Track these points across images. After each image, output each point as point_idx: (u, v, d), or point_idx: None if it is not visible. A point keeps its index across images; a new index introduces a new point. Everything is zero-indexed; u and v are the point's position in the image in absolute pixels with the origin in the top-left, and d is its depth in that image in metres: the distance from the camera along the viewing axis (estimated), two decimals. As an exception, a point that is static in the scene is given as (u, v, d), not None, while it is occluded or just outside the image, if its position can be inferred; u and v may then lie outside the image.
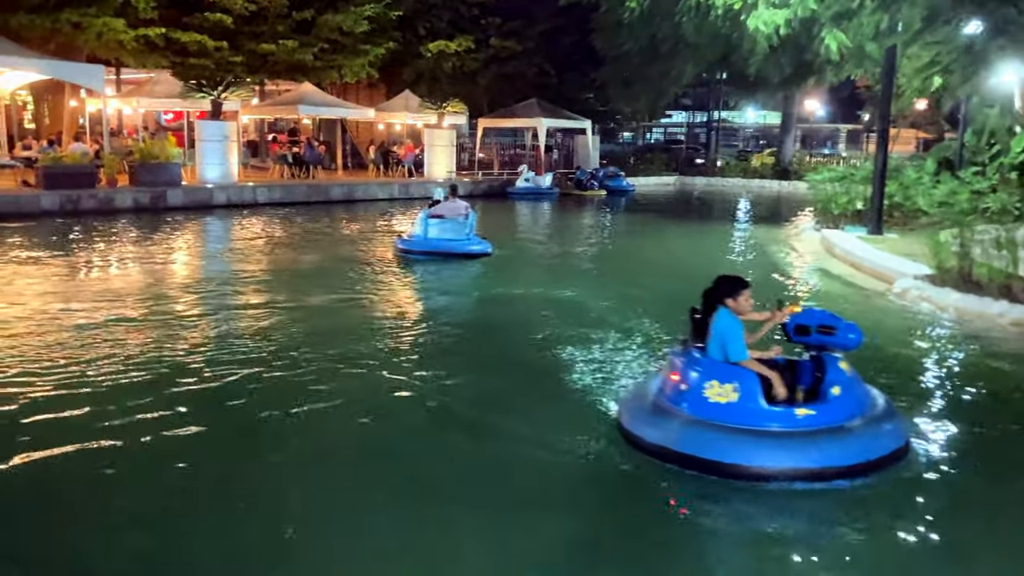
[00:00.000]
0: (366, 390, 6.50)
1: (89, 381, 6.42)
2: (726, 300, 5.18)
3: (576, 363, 7.28)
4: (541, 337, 8.32)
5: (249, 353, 7.39)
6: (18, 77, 21.99)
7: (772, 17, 18.84)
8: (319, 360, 7.20)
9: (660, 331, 8.46)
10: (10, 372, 6.57)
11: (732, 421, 4.91)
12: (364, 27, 27.16)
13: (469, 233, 13.61)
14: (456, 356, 7.73)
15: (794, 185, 35.93)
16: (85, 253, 13.42)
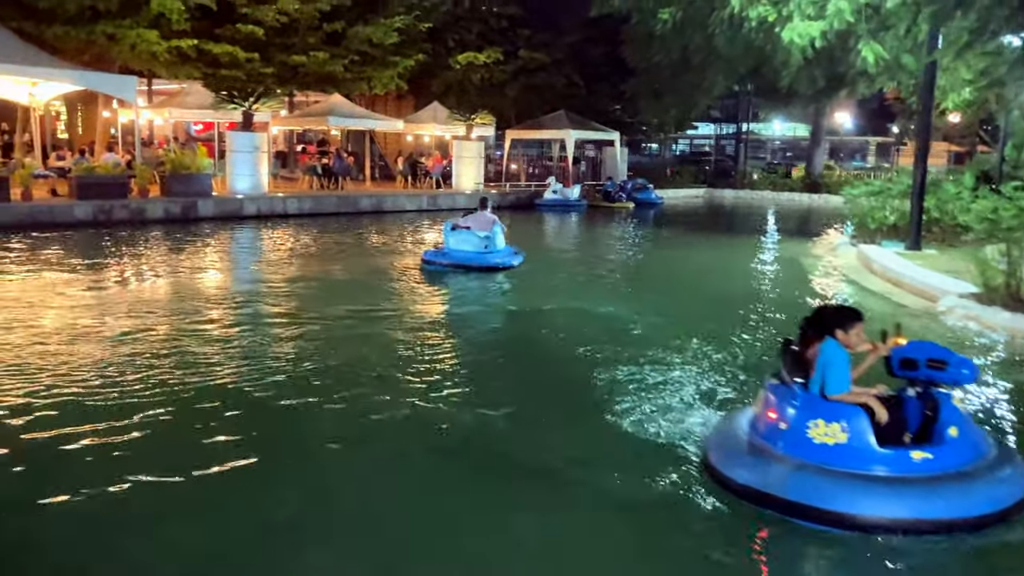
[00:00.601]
0: (407, 422, 6.14)
1: (119, 397, 6.33)
2: (836, 332, 4.73)
3: (628, 386, 6.98)
4: (584, 356, 8.11)
5: (278, 370, 7.25)
6: (53, 88, 22.18)
7: (807, 29, 18.60)
8: (351, 382, 6.96)
9: (711, 351, 8.25)
10: (41, 385, 6.50)
11: (839, 464, 4.47)
12: (394, 39, 27.21)
13: (491, 246, 13.47)
14: (496, 379, 7.46)
15: (824, 198, 35.57)
16: (118, 264, 13.42)
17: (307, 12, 24.68)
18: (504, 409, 6.40)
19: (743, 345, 8.68)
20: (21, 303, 9.75)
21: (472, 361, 7.94)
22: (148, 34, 21.88)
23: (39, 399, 6.21)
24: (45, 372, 6.89)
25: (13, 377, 6.73)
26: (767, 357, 8.19)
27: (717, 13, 20.44)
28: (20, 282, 11.23)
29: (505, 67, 31.45)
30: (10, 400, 6.17)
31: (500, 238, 13.74)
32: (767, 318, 10.37)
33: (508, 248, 13.84)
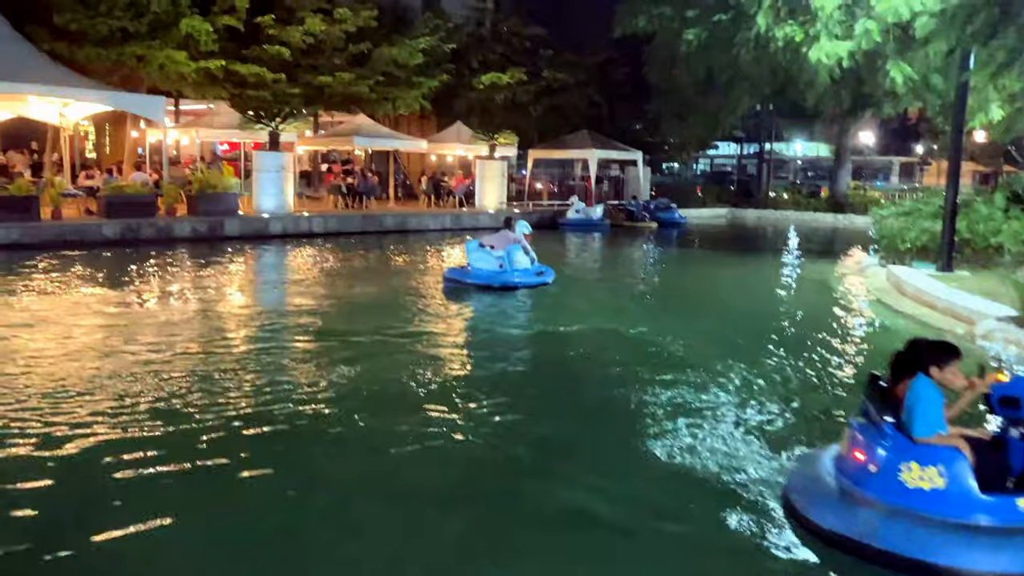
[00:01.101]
0: (435, 454, 5.92)
1: (147, 419, 6.32)
2: (930, 368, 4.43)
3: (670, 413, 6.78)
4: (619, 380, 7.97)
5: (301, 392, 7.18)
6: (83, 108, 22.43)
7: (835, 49, 18.55)
8: (376, 409, 6.84)
9: (751, 375, 8.13)
10: (67, 406, 6.50)
11: (937, 512, 4.17)
12: (418, 60, 27.42)
13: (507, 265, 13.45)
14: (529, 405, 7.24)
15: (849, 218, 35.28)
16: (146, 283, 13.49)
17: (333, 33, 24.92)
18: (539, 440, 6.22)
19: (782, 369, 8.55)
20: (53, 322, 9.79)
21: (502, 386, 7.79)
22: (177, 55, 22.15)
23: (70, 417, 6.20)
24: (75, 391, 6.89)
25: (45, 396, 6.73)
26: (809, 382, 8.08)
27: (743, 33, 20.44)
28: (52, 301, 11.29)
29: (528, 87, 31.57)
30: (43, 418, 6.16)
31: (519, 257, 13.70)
32: (802, 340, 10.23)
33: (529, 268, 13.79)
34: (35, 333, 9.13)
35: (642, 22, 23.39)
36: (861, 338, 10.85)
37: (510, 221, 14.69)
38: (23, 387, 6.98)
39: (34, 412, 6.34)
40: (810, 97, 22.01)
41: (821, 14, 18.37)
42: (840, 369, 8.80)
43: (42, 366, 7.69)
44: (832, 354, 9.53)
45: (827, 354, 9.48)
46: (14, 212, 17.77)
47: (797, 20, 19.23)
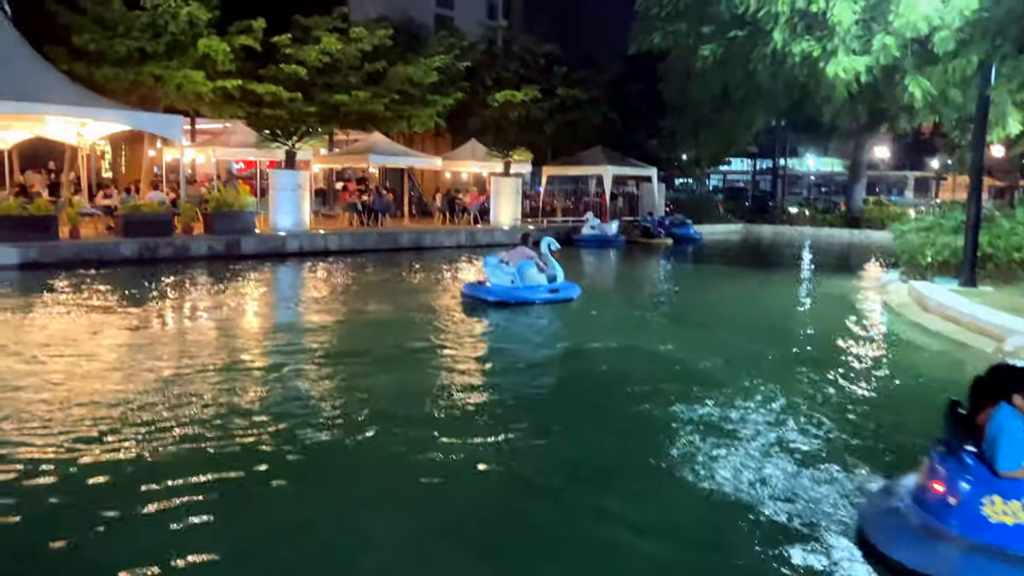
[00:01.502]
0: (458, 480, 5.81)
1: (167, 440, 6.25)
2: (1014, 397, 4.22)
3: (704, 435, 6.60)
4: (647, 400, 7.77)
5: (319, 413, 7.08)
6: (101, 128, 22.55)
7: (852, 64, 18.47)
8: (393, 431, 6.68)
9: (782, 393, 8.01)
10: (90, 426, 6.44)
11: (1021, 548, 4.00)
12: (433, 78, 27.52)
13: (518, 281, 13.47)
14: (553, 427, 7.13)
15: (865, 234, 35.12)
16: (164, 302, 13.48)
17: (349, 52, 25.05)
18: (566, 465, 6.01)
19: (815, 387, 8.42)
20: (73, 342, 9.76)
21: (524, 406, 7.65)
22: (194, 75, 22.30)
23: (92, 436, 6.14)
24: (96, 412, 6.83)
25: (68, 418, 6.68)
26: (844, 401, 7.93)
27: (759, 49, 20.37)
28: (72, 320, 11.27)
29: (543, 104, 31.63)
30: (66, 439, 6.10)
31: (530, 272, 13.68)
32: (830, 357, 10.08)
33: (542, 284, 13.72)
34: (56, 353, 9.08)
35: (657, 38, 23.30)
36: (887, 355, 10.70)
37: (527, 237, 14.68)
38: (45, 408, 6.93)
39: (58, 434, 6.28)
40: (827, 112, 21.91)
41: (839, 29, 18.30)
42: (870, 387, 8.65)
43: (64, 387, 7.64)
44: (860, 371, 9.39)
45: (855, 371, 9.35)
46: (33, 231, 17.84)
47: (814, 35, 19.17)
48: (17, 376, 7.99)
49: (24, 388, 7.55)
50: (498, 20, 68.05)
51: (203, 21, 22.37)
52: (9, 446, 5.98)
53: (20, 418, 6.64)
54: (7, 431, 6.31)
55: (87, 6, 21.85)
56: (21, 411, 6.82)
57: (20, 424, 6.48)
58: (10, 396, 7.26)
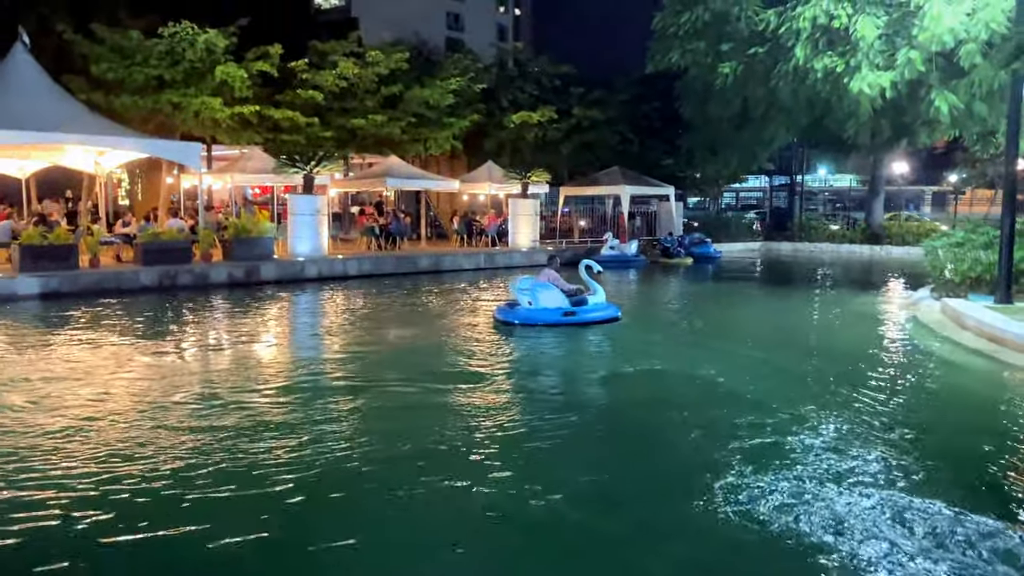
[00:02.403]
0: (486, 524, 5.57)
1: (191, 478, 6.00)
2: None
3: (766, 469, 6.22)
4: (695, 429, 7.44)
5: (346, 447, 6.82)
6: (119, 156, 22.55)
7: (877, 79, 18.30)
8: (419, 465, 6.43)
9: (839, 419, 7.69)
10: (113, 464, 6.20)
11: None
12: (449, 100, 27.44)
13: (535, 304, 13.46)
14: (594, 461, 6.85)
15: (886, 250, 34.71)
16: (185, 331, 13.28)
17: (366, 76, 24.99)
18: (609, 503, 5.71)
19: (865, 410, 8.10)
20: (95, 375, 9.55)
21: (561, 438, 7.30)
22: (212, 101, 22.26)
23: (115, 474, 5.91)
24: (119, 449, 6.61)
25: (91, 455, 6.45)
26: (899, 425, 7.62)
27: (781, 65, 20.25)
28: (93, 352, 11.06)
29: (559, 125, 31.49)
30: (90, 477, 5.87)
31: (545, 295, 13.55)
32: (874, 378, 9.75)
33: (558, 307, 13.54)
34: (79, 387, 8.87)
35: (675, 57, 23.26)
36: (931, 374, 10.37)
37: (551, 259, 14.58)
38: (68, 445, 6.71)
39: (82, 474, 6.05)
40: (850, 128, 21.69)
41: (862, 44, 18.16)
42: (921, 409, 8.36)
43: (87, 423, 7.42)
44: (907, 391, 9.10)
45: (902, 391, 9.04)
46: (54, 261, 17.74)
47: (836, 51, 19.03)
48: (39, 410, 7.77)
49: (46, 424, 7.33)
50: (508, 42, 68.46)
51: (220, 48, 22.37)
52: (33, 483, 5.76)
53: (43, 452, 6.42)
54: (33, 467, 6.09)
55: (105, 35, 21.89)
56: (42, 446, 6.61)
57: (43, 459, 6.26)
58: (33, 432, 7.04)
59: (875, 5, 18.18)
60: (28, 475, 6.02)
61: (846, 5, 18.44)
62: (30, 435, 7.03)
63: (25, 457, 6.43)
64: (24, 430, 7.19)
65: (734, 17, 21.61)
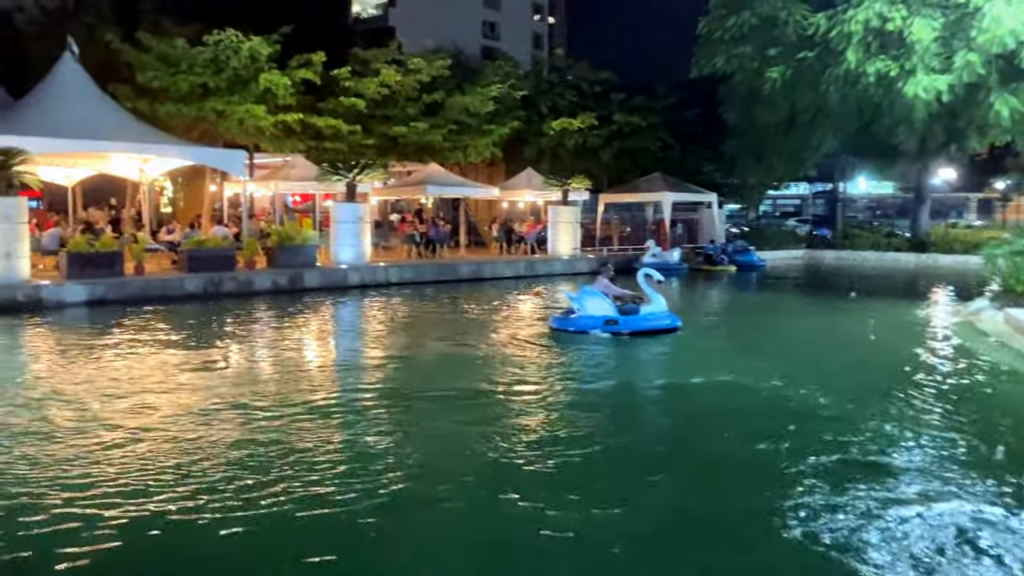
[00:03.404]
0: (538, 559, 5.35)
1: (234, 493, 5.81)
2: None
3: (854, 498, 5.78)
4: (769, 448, 7.05)
5: (389, 466, 6.53)
6: (163, 163, 22.68)
7: (933, 83, 17.82)
8: (463, 486, 6.10)
9: (920, 436, 7.34)
10: (158, 474, 6.03)
11: None
12: (490, 107, 27.29)
13: (581, 311, 13.35)
14: (657, 484, 6.53)
15: (933, 258, 33.84)
16: (231, 339, 13.19)
17: (407, 84, 24.91)
18: (676, 524, 5.43)
19: (944, 427, 7.73)
20: (149, 383, 9.44)
21: (618, 456, 6.96)
22: (256, 109, 22.32)
23: (161, 486, 5.74)
24: (160, 465, 6.44)
25: (139, 462, 6.30)
26: (983, 443, 7.23)
27: (831, 70, 19.82)
28: (146, 360, 10.98)
29: (599, 131, 31.21)
30: (139, 485, 5.71)
31: (591, 303, 13.38)
32: (945, 392, 9.34)
33: (603, 315, 13.29)
34: (131, 397, 8.75)
35: (720, 62, 22.91)
36: (1002, 388, 9.94)
37: (605, 266, 14.44)
38: (121, 458, 6.57)
39: (130, 491, 5.90)
40: (902, 133, 21.17)
41: (917, 47, 17.70)
42: (997, 426, 7.95)
43: (132, 433, 7.28)
44: (981, 407, 8.72)
45: (976, 407, 8.66)
46: (100, 268, 17.80)
47: (889, 55, 18.58)
48: (94, 421, 7.66)
49: (93, 432, 7.20)
50: (544, 49, 68.34)
51: (264, 56, 22.43)
52: (83, 490, 5.61)
53: (91, 462, 6.29)
54: (81, 475, 5.95)
55: (151, 44, 22.04)
56: (89, 456, 6.47)
57: (88, 469, 6.12)
58: (82, 441, 6.92)
59: (931, 7, 17.71)
60: (92, 490, 5.88)
61: (900, 7, 17.99)
62: (85, 446, 6.90)
63: (84, 468, 6.30)
64: (80, 441, 7.06)
65: (781, 21, 21.22)
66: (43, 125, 18.00)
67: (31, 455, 6.63)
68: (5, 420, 7.73)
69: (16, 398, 8.61)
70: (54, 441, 7.05)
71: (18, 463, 6.44)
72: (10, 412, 8.02)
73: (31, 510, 5.46)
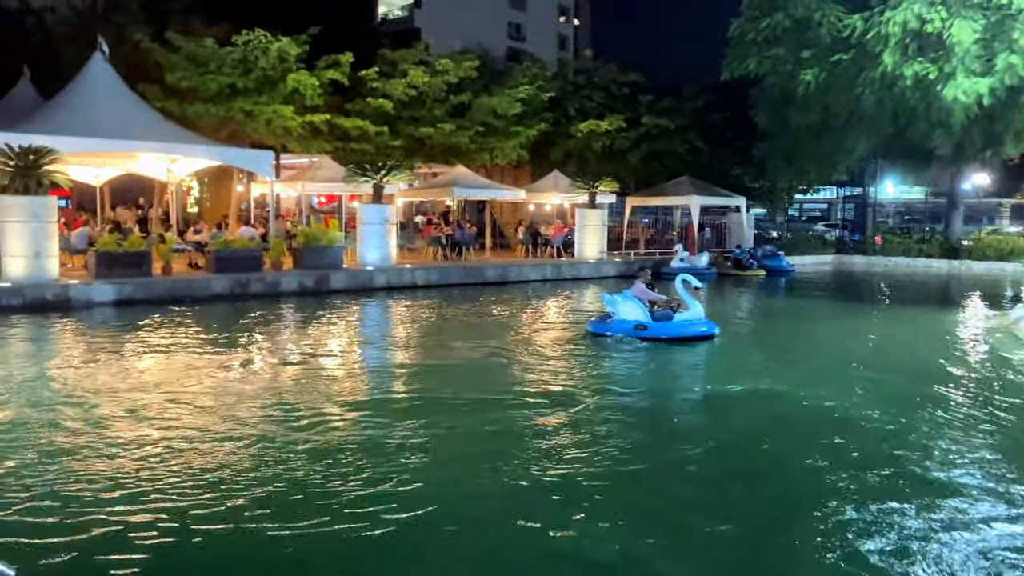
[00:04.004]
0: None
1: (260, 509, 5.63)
2: None
3: (915, 525, 5.47)
4: (818, 464, 6.76)
5: (413, 483, 6.27)
6: (191, 164, 22.67)
7: (974, 86, 17.41)
8: (497, 502, 5.88)
9: (976, 453, 7.03)
10: (184, 479, 5.87)
11: None
12: (517, 109, 27.09)
13: (616, 315, 13.37)
14: (703, 502, 6.26)
15: (966, 264, 33.22)
16: (260, 342, 13.02)
17: (435, 85, 24.77)
18: (726, 554, 5.10)
19: (1005, 441, 7.42)
20: (182, 386, 9.32)
21: (655, 475, 6.71)
22: (284, 110, 22.26)
23: (190, 490, 5.58)
24: (184, 474, 6.29)
25: (167, 481, 6.14)
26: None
27: (866, 72, 19.45)
28: (177, 361, 10.87)
29: (627, 134, 30.91)
30: (170, 489, 5.55)
31: (625, 308, 13.31)
32: (1000, 403, 9.00)
33: (632, 319, 13.20)
34: (163, 400, 8.64)
35: (753, 64, 22.56)
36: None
37: (642, 271, 14.47)
38: (156, 465, 6.42)
39: (164, 501, 5.74)
40: (938, 138, 20.73)
41: (957, 49, 17.29)
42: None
43: (166, 434, 7.14)
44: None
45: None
46: (128, 268, 17.78)
47: (928, 57, 18.19)
48: (129, 424, 7.53)
49: (123, 436, 7.06)
50: (569, 51, 68.08)
51: (292, 56, 22.36)
52: (113, 494, 5.46)
53: (120, 466, 6.14)
54: (112, 479, 5.80)
55: (180, 44, 22.05)
56: (120, 461, 6.33)
57: (119, 472, 5.97)
58: (126, 448, 6.79)
59: (972, 8, 17.28)
60: (135, 501, 5.74)
61: (940, 9, 17.59)
62: (123, 451, 6.77)
63: (117, 474, 6.16)
64: (116, 447, 6.94)
65: (815, 23, 20.86)
66: (73, 125, 18.01)
67: (72, 463, 6.51)
68: (44, 422, 7.62)
69: (54, 400, 8.51)
70: (95, 449, 6.92)
71: (60, 469, 6.31)
72: (51, 414, 7.91)
73: (75, 514, 5.32)
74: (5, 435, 7.17)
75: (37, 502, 5.60)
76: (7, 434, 7.21)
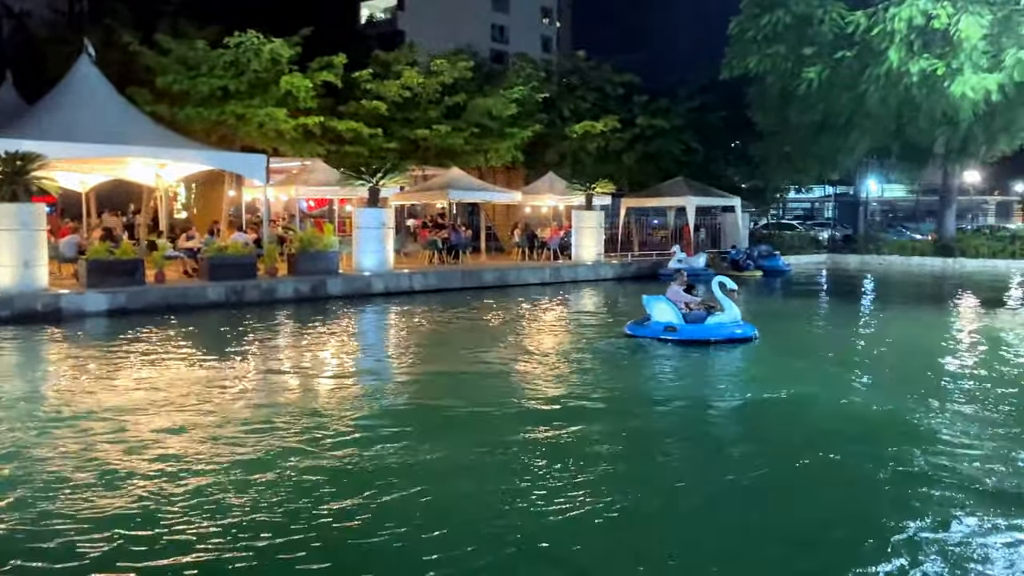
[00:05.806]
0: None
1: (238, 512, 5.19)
2: None
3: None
4: (884, 485, 6.35)
5: (415, 507, 5.93)
6: (180, 168, 22.08)
7: (982, 82, 17.22)
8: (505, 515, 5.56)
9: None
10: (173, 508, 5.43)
11: None
12: (512, 110, 26.74)
13: (651, 318, 13.29)
14: (745, 525, 5.98)
15: (960, 263, 33.17)
16: (257, 352, 12.54)
17: (429, 86, 24.35)
18: None
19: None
20: (170, 401, 8.84)
21: (706, 480, 6.39)
22: (276, 112, 21.78)
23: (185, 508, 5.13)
24: (181, 496, 5.84)
25: (178, 485, 5.69)
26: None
27: (871, 70, 19.22)
28: (169, 376, 10.35)
29: (622, 135, 30.62)
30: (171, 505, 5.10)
31: (658, 310, 13.21)
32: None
33: (663, 321, 13.12)
34: (161, 418, 8.15)
35: (752, 62, 22.28)
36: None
37: (679, 273, 14.71)
38: (156, 489, 5.96)
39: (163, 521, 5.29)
40: (944, 135, 20.55)
41: (965, 45, 17.09)
42: None
43: (163, 450, 6.68)
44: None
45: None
46: (120, 276, 17.21)
47: (934, 53, 17.99)
48: (111, 445, 7.05)
49: (121, 451, 6.60)
50: (552, 52, 67.84)
51: (285, 58, 21.87)
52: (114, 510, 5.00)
53: (119, 481, 5.68)
54: (111, 492, 5.35)
55: (171, 46, 21.50)
56: (116, 474, 5.87)
57: (117, 487, 5.52)
58: (126, 467, 6.32)
59: (979, 3, 17.09)
60: (141, 525, 5.29)
61: (946, 4, 17.38)
62: (119, 481, 6.29)
63: (114, 503, 5.70)
64: (110, 473, 6.46)
65: (817, 20, 20.61)
66: (60, 129, 17.42)
67: (65, 491, 6.03)
68: (34, 444, 7.12)
69: (45, 419, 8.01)
70: (98, 465, 6.45)
71: (53, 498, 5.83)
72: (41, 436, 7.41)
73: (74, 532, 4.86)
74: None
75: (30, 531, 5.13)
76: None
